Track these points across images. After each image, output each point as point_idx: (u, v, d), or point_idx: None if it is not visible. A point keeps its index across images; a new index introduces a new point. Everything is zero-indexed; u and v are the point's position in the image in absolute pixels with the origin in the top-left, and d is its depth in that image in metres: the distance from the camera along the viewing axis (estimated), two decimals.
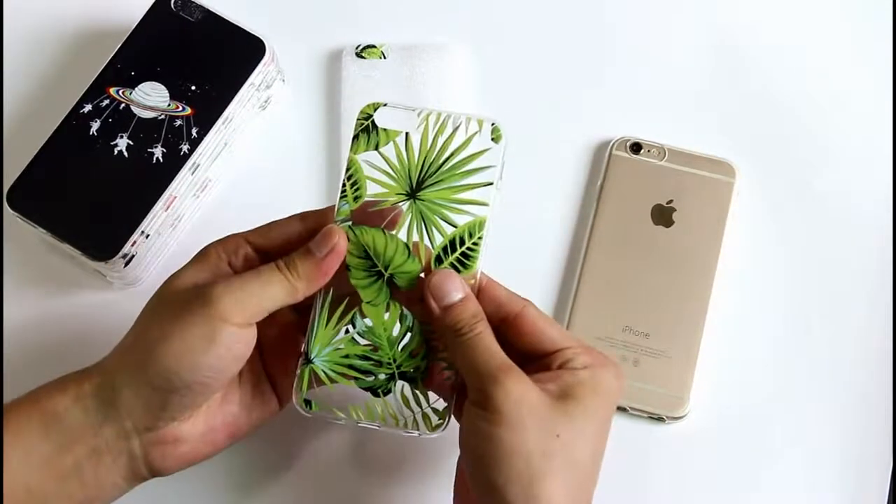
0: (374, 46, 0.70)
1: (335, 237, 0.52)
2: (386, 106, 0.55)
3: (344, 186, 0.54)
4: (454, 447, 0.51)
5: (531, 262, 0.66)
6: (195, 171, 0.65)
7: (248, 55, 0.66)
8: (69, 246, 0.63)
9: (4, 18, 0.73)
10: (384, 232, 0.53)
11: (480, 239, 0.53)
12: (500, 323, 0.52)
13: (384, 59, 0.70)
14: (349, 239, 0.53)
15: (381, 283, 0.53)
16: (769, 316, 0.65)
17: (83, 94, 0.65)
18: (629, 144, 0.67)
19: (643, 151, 0.67)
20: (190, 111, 0.65)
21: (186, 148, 0.64)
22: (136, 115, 0.65)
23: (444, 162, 0.54)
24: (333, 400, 0.53)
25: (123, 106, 0.65)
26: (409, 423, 0.53)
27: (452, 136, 0.54)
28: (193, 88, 0.65)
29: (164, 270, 0.66)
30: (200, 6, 0.67)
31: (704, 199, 0.66)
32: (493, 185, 0.53)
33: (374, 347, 0.54)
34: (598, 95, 0.70)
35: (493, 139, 0.54)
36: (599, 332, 0.63)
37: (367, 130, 0.54)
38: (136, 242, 0.63)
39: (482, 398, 0.49)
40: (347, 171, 0.54)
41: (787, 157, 0.68)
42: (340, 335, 0.54)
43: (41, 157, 0.64)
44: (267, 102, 0.69)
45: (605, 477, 0.51)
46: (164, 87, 0.65)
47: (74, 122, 0.65)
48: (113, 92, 0.65)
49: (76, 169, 0.64)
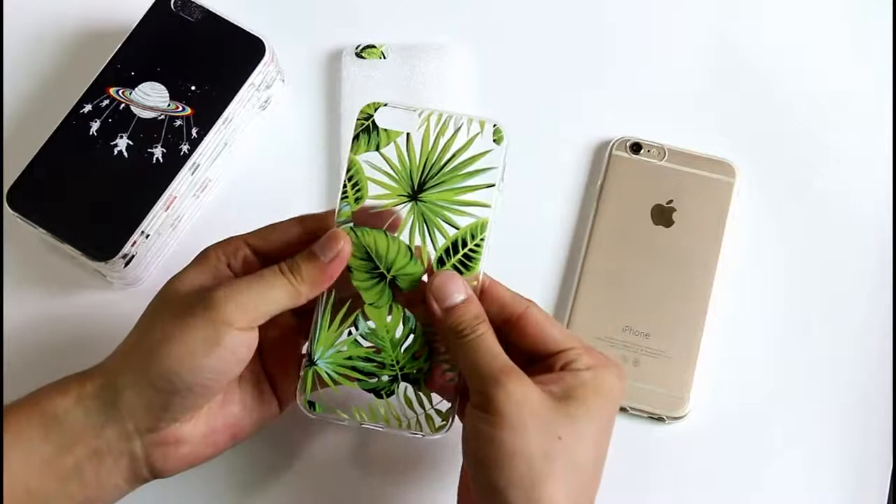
0: (374, 46, 0.70)
1: (340, 241, 0.52)
2: (386, 106, 0.54)
3: (345, 187, 0.54)
4: (456, 448, 0.51)
5: (531, 261, 0.66)
6: (195, 171, 0.65)
7: (247, 55, 0.66)
8: (69, 246, 0.63)
9: (4, 18, 0.72)
10: (386, 234, 0.53)
11: (483, 241, 0.53)
12: (503, 324, 0.52)
13: (384, 59, 0.70)
14: (351, 241, 0.53)
15: (383, 284, 0.53)
16: (769, 316, 0.65)
17: (83, 94, 0.65)
18: (629, 144, 0.67)
19: (643, 151, 0.67)
20: (190, 111, 0.65)
21: (186, 148, 0.64)
22: (136, 115, 0.65)
23: (445, 163, 0.54)
24: (337, 401, 0.53)
25: (123, 106, 0.65)
26: (412, 424, 0.53)
27: (454, 137, 0.54)
28: (193, 88, 0.65)
29: (164, 270, 0.66)
30: (200, 6, 0.67)
31: (704, 199, 0.66)
32: (494, 186, 0.53)
33: (376, 349, 0.54)
34: (598, 95, 0.70)
35: (494, 140, 0.54)
36: (599, 332, 0.63)
37: (367, 131, 0.54)
38: (136, 242, 0.63)
39: (483, 400, 0.49)
40: (348, 171, 0.54)
41: (787, 157, 0.68)
42: (343, 337, 0.53)
43: (41, 157, 0.64)
44: (267, 102, 0.69)
45: (605, 477, 0.51)
46: (164, 87, 0.65)
47: (74, 122, 0.65)
48: (113, 92, 0.65)
49: (76, 169, 0.64)
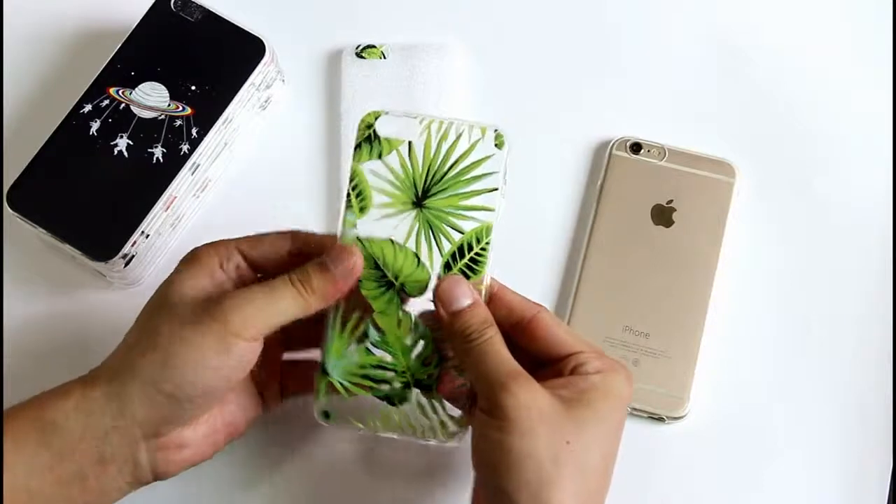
0: (373, 46, 0.70)
1: (353, 256, 0.52)
2: (387, 114, 0.54)
3: (349, 197, 0.54)
4: (465, 449, 0.51)
5: (531, 262, 0.66)
6: (195, 171, 0.65)
7: (247, 55, 0.66)
8: (69, 246, 0.63)
9: (4, 18, 0.72)
10: (393, 242, 0.53)
11: (488, 244, 0.53)
12: (512, 328, 0.52)
13: (384, 59, 0.70)
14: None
15: (391, 292, 0.53)
16: (769, 316, 0.65)
17: (83, 94, 0.65)
18: (629, 144, 0.67)
19: (643, 151, 0.67)
20: (190, 111, 0.65)
21: (186, 148, 0.64)
22: (136, 115, 0.65)
23: (448, 170, 0.54)
24: (351, 410, 0.54)
25: (123, 106, 0.65)
26: (426, 431, 0.53)
27: (456, 143, 0.54)
28: (193, 88, 0.65)
29: (164, 270, 0.65)
30: (200, 6, 0.67)
31: (704, 199, 0.66)
32: (498, 190, 0.53)
33: (387, 357, 0.54)
34: (598, 95, 0.70)
35: (496, 145, 0.54)
36: (599, 332, 0.63)
37: (369, 140, 0.54)
38: (136, 242, 0.63)
39: (491, 405, 0.49)
40: (352, 181, 0.54)
41: (787, 157, 0.68)
42: (354, 346, 0.54)
43: (41, 157, 0.64)
44: (267, 102, 0.69)
45: None
46: (164, 87, 0.65)
47: (74, 122, 0.65)
48: (113, 92, 0.65)
49: (76, 169, 0.64)
